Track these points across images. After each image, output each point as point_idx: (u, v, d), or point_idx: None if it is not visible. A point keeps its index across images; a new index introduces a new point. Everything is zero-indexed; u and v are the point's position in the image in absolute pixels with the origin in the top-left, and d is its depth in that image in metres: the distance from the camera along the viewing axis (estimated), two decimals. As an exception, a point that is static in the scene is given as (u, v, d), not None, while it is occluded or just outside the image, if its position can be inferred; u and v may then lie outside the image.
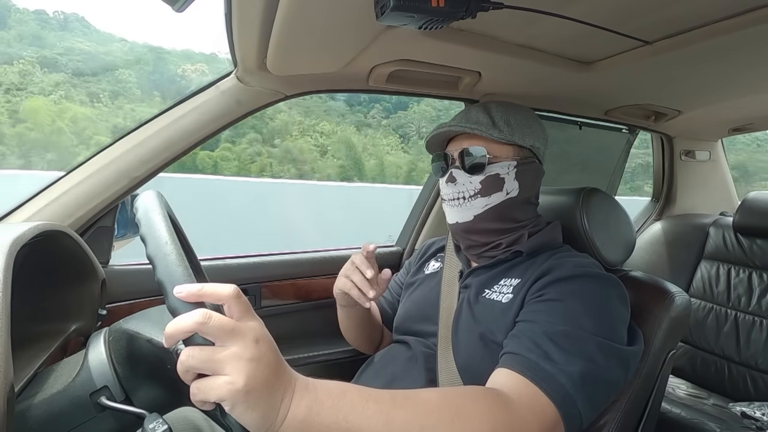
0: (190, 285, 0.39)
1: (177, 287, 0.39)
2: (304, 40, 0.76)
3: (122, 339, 0.54)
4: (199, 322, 0.37)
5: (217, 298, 0.40)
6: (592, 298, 0.65)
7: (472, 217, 0.78)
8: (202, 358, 0.38)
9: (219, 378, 0.38)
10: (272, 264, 1.22)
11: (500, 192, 0.77)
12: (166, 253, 0.41)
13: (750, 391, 1.31)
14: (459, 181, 0.78)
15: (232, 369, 0.38)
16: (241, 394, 0.37)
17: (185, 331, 0.38)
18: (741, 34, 0.75)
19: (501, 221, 0.79)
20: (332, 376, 0.51)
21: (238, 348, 0.39)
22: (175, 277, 0.40)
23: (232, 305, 0.41)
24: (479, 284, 0.78)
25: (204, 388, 0.38)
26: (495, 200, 0.77)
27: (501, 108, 0.80)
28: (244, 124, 4.00)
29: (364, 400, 0.45)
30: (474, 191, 0.77)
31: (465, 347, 0.73)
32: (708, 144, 1.90)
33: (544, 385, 0.55)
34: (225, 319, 0.39)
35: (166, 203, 0.52)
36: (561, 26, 0.77)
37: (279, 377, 0.41)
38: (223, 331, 0.38)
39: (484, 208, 0.78)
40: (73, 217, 0.90)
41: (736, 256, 1.47)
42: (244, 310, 0.41)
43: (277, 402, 0.40)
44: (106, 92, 14.24)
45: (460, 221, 0.80)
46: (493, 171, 0.77)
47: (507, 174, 0.77)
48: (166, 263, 0.41)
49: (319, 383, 0.44)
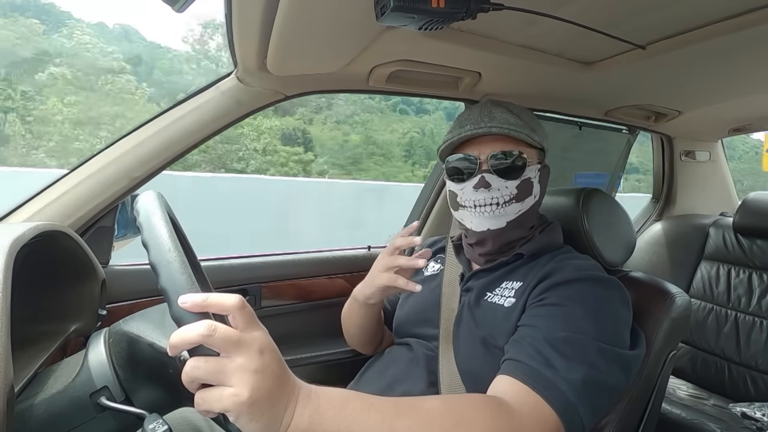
0: (195, 295, 0.39)
1: (182, 297, 0.39)
2: (304, 41, 0.76)
3: (123, 341, 0.54)
4: (205, 334, 0.38)
5: (222, 308, 0.40)
6: (594, 301, 0.64)
7: (505, 224, 0.75)
8: (207, 369, 0.38)
9: (224, 389, 0.38)
10: (272, 264, 1.22)
11: (530, 196, 0.76)
12: (169, 260, 0.41)
13: (750, 391, 1.31)
14: (494, 187, 0.74)
15: (237, 381, 0.38)
16: (246, 406, 0.38)
17: (190, 343, 0.38)
18: (740, 35, 0.75)
19: (525, 227, 0.78)
20: (332, 377, 0.51)
21: (243, 359, 0.39)
22: (179, 285, 0.40)
23: (236, 316, 0.41)
24: (481, 287, 0.78)
25: (209, 399, 0.38)
26: (527, 205, 0.76)
27: (521, 109, 0.79)
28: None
29: (366, 409, 0.45)
30: (510, 197, 0.74)
31: (466, 351, 0.73)
32: (708, 144, 1.90)
33: (546, 393, 0.55)
34: (230, 331, 0.39)
35: (167, 204, 0.52)
36: (560, 27, 0.77)
37: (283, 387, 0.41)
38: (228, 342, 0.39)
39: (517, 214, 0.75)
40: (74, 218, 0.90)
41: (737, 257, 1.47)
42: (249, 320, 0.41)
43: (280, 412, 0.40)
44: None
45: (492, 228, 0.76)
46: (527, 175, 0.75)
47: (535, 177, 0.76)
48: (170, 271, 0.41)
49: (321, 391, 0.44)
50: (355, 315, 0.89)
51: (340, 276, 1.29)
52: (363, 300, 0.82)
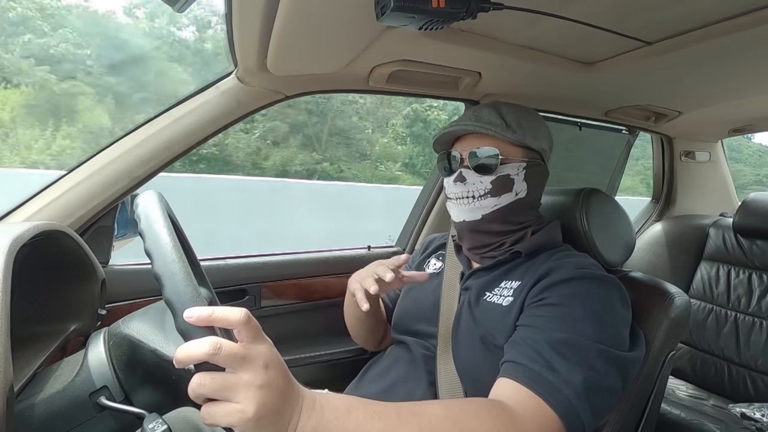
0: (201, 309, 0.39)
1: (187, 311, 0.39)
2: (304, 41, 0.76)
3: (124, 345, 0.54)
4: (210, 353, 0.38)
5: (228, 323, 0.40)
6: (593, 301, 0.64)
7: (479, 217, 0.78)
8: (213, 387, 0.38)
9: (230, 405, 0.39)
10: (272, 264, 1.22)
11: (509, 193, 0.78)
12: (173, 272, 0.41)
13: (750, 392, 1.31)
14: (469, 181, 0.78)
15: (243, 398, 0.38)
16: (252, 422, 0.38)
17: (195, 360, 0.38)
18: (741, 35, 0.75)
19: (507, 222, 0.79)
20: (333, 377, 0.51)
21: (248, 376, 0.39)
22: (184, 297, 0.40)
23: (242, 330, 0.41)
24: (480, 287, 0.78)
25: (215, 415, 0.39)
26: (504, 201, 0.77)
27: (512, 109, 0.80)
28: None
29: (369, 417, 0.46)
30: (484, 191, 0.77)
31: (465, 350, 0.73)
32: (708, 145, 1.90)
33: (548, 396, 0.55)
34: (235, 348, 0.39)
35: (167, 205, 0.52)
36: (561, 27, 0.77)
37: (287, 400, 0.41)
38: (233, 359, 0.39)
39: (493, 208, 0.78)
40: (73, 217, 0.90)
41: (736, 257, 1.47)
42: (254, 335, 0.41)
43: (284, 423, 0.41)
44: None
45: (467, 219, 0.79)
46: (504, 172, 0.77)
47: (517, 175, 0.78)
48: (174, 283, 0.40)
49: (325, 400, 0.45)
50: (350, 310, 0.93)
51: (340, 276, 1.29)
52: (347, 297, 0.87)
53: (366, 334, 0.96)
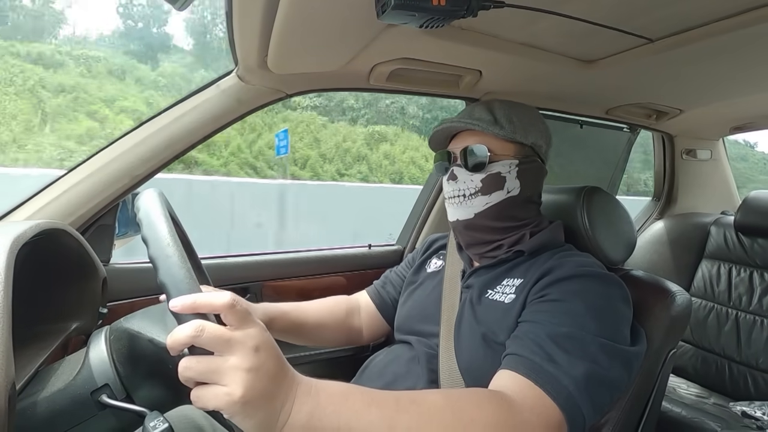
0: (184, 297, 0.39)
1: (172, 301, 0.39)
2: (305, 39, 0.76)
3: (123, 338, 0.54)
4: (192, 335, 0.38)
5: (212, 308, 0.40)
6: (595, 298, 0.64)
7: (472, 215, 0.78)
8: (199, 369, 0.38)
9: (217, 388, 0.38)
10: (273, 263, 1.22)
11: (501, 190, 0.77)
12: (168, 254, 0.41)
13: (750, 390, 1.31)
14: (460, 179, 0.79)
15: (230, 380, 0.38)
16: (239, 405, 0.38)
17: (181, 344, 0.38)
18: (743, 33, 0.75)
19: (501, 220, 0.79)
20: (334, 374, 0.51)
21: (236, 358, 0.39)
22: (178, 279, 0.40)
23: (227, 314, 0.40)
24: (482, 284, 0.78)
25: (203, 397, 0.39)
26: (495, 199, 0.77)
27: (504, 105, 0.80)
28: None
29: (366, 404, 0.45)
30: (475, 189, 0.78)
31: (467, 347, 0.73)
32: (709, 143, 1.90)
33: (548, 387, 0.55)
34: (219, 330, 0.39)
35: (167, 202, 0.52)
36: (562, 24, 0.76)
37: (279, 384, 0.41)
38: (218, 341, 0.39)
39: (484, 206, 0.78)
40: (74, 216, 0.90)
41: (737, 256, 1.46)
42: (242, 318, 0.41)
43: (276, 409, 0.40)
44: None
45: (461, 218, 0.80)
46: (494, 169, 0.77)
47: (508, 173, 0.77)
48: (168, 265, 0.41)
49: (321, 387, 0.44)
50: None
51: (341, 274, 1.29)
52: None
53: (317, 339, 0.92)
